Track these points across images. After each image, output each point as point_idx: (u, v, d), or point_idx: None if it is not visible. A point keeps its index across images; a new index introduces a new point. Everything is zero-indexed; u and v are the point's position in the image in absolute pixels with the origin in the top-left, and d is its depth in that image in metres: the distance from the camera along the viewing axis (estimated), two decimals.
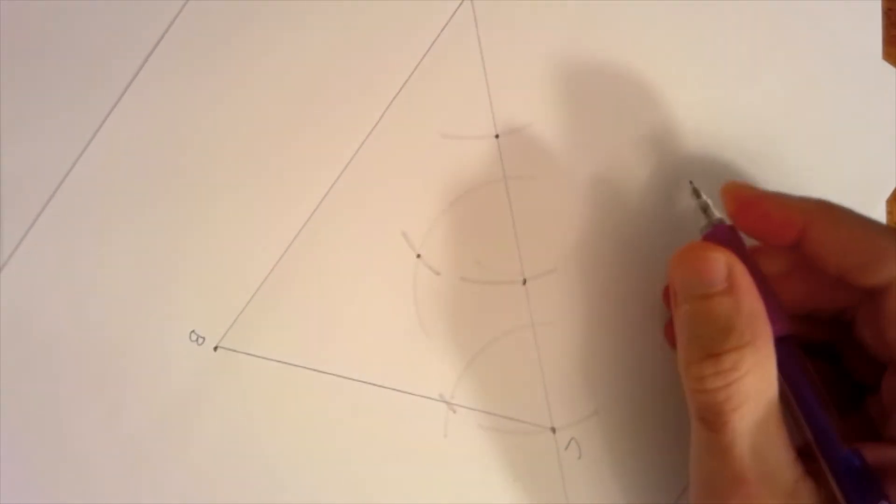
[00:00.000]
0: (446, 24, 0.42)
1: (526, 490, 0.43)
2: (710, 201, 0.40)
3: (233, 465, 0.43)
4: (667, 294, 0.41)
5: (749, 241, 0.39)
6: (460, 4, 0.42)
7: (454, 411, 0.42)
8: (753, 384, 0.34)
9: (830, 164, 0.42)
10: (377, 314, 0.43)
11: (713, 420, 0.35)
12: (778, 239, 0.38)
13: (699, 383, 0.35)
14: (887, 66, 0.42)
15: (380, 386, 0.43)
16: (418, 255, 0.42)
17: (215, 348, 0.43)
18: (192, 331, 0.43)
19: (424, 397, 0.43)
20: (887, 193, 0.42)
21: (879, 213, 0.42)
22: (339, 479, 0.43)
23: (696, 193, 0.40)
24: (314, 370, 0.43)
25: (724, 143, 0.42)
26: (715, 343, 0.35)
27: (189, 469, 0.42)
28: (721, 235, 0.39)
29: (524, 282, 0.42)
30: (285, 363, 0.43)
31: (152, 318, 0.43)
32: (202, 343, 0.43)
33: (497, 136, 0.42)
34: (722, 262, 0.36)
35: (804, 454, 0.35)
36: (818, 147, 0.42)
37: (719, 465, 0.35)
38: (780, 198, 0.38)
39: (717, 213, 0.39)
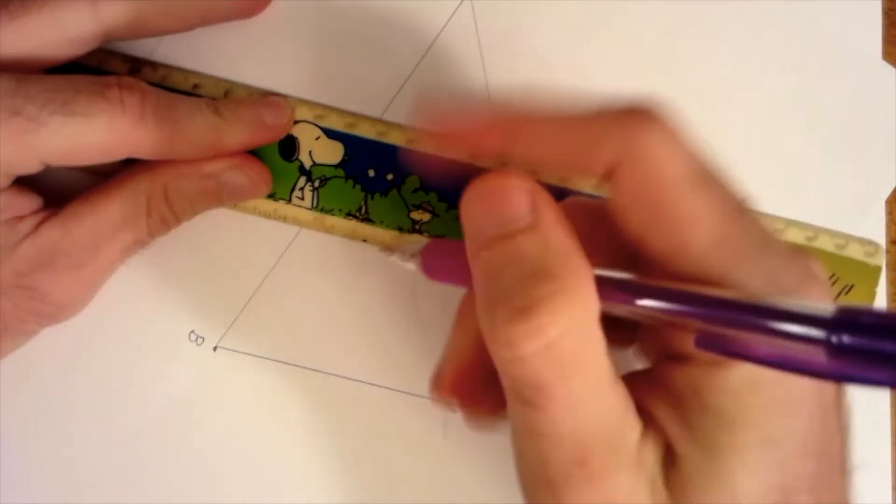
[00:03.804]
0: (446, 23, 0.42)
1: None
2: (394, 245, 0.38)
3: (232, 465, 0.43)
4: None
5: None
6: (460, 4, 0.42)
7: (454, 411, 0.42)
8: (579, 339, 0.28)
9: (830, 163, 0.42)
10: (377, 314, 0.43)
11: (534, 396, 0.28)
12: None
13: (510, 349, 0.28)
14: (887, 66, 0.42)
15: (380, 386, 0.43)
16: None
17: (215, 348, 0.43)
18: (192, 331, 0.43)
19: (424, 397, 0.42)
20: (887, 193, 0.42)
21: (879, 214, 0.42)
22: (339, 478, 0.43)
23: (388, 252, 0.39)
24: (314, 370, 0.43)
25: (723, 143, 0.42)
26: (523, 292, 0.28)
27: (189, 469, 0.42)
28: (439, 250, 0.37)
29: None
30: (285, 363, 0.43)
31: (152, 319, 0.43)
32: (202, 343, 0.43)
33: None
34: (523, 191, 0.30)
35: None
36: (817, 147, 0.42)
37: (550, 449, 0.29)
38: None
39: (414, 243, 0.37)
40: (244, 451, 0.43)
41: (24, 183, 0.37)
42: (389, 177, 0.42)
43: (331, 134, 0.42)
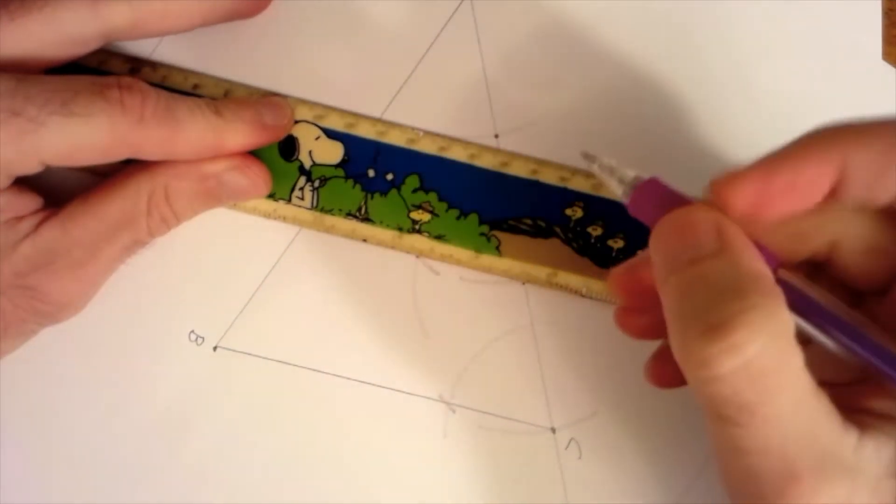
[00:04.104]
0: (446, 23, 0.42)
1: (526, 490, 0.43)
2: (613, 161, 0.35)
3: (232, 465, 0.43)
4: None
5: None
6: (460, 4, 0.42)
7: (454, 411, 0.42)
8: (777, 355, 0.28)
9: None
10: (376, 314, 0.43)
11: (735, 414, 0.28)
12: (809, 201, 0.31)
13: (707, 368, 0.28)
14: (887, 66, 0.42)
15: (379, 386, 0.43)
16: (417, 255, 0.42)
17: (215, 348, 0.43)
18: (192, 331, 0.43)
19: (424, 397, 0.43)
20: None
21: None
22: (339, 479, 0.43)
23: (591, 159, 0.36)
24: (314, 370, 0.43)
25: (724, 143, 0.42)
26: (717, 309, 0.28)
27: (188, 469, 0.42)
28: (652, 194, 0.34)
29: (524, 282, 0.42)
30: (285, 363, 0.43)
31: (152, 319, 0.43)
32: (202, 343, 0.43)
33: (497, 136, 0.42)
34: (707, 219, 0.31)
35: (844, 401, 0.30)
36: None
37: (758, 464, 0.29)
38: (788, 155, 0.31)
39: (630, 171, 0.35)
40: (244, 450, 0.43)
41: (24, 183, 0.37)
42: (389, 177, 0.42)
43: (331, 134, 0.42)
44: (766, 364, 0.27)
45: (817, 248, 0.33)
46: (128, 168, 0.39)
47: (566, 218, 0.41)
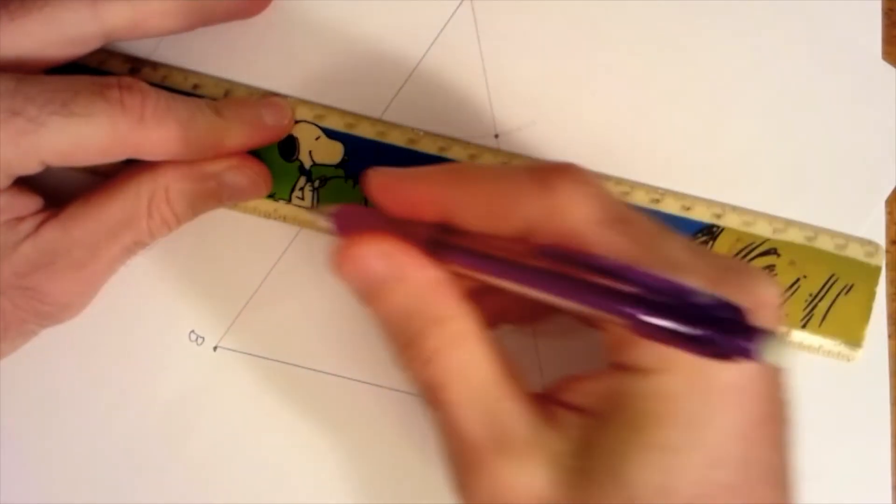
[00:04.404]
0: (446, 24, 0.42)
1: None
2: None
3: (232, 465, 0.43)
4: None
5: None
6: (460, 4, 0.42)
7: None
8: (456, 356, 0.33)
9: (830, 163, 0.42)
10: None
11: (429, 399, 0.34)
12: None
13: (408, 371, 0.34)
14: (887, 66, 0.42)
15: (380, 386, 0.43)
16: None
17: (215, 348, 0.43)
18: (192, 331, 0.43)
19: None
20: (887, 193, 0.42)
21: (879, 214, 0.42)
22: (339, 478, 0.43)
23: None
24: (314, 370, 0.42)
25: (723, 143, 0.42)
26: (404, 334, 0.34)
27: (188, 469, 0.43)
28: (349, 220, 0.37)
29: None
30: (285, 363, 0.43)
31: (152, 319, 0.43)
32: (202, 343, 0.43)
33: (497, 136, 0.42)
34: (375, 252, 0.34)
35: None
36: (817, 147, 0.42)
37: (451, 442, 0.34)
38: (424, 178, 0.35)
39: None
40: (244, 450, 0.43)
41: (24, 183, 0.37)
42: None
43: (331, 134, 0.42)
44: (445, 364, 0.33)
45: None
46: (128, 168, 0.39)
47: None
